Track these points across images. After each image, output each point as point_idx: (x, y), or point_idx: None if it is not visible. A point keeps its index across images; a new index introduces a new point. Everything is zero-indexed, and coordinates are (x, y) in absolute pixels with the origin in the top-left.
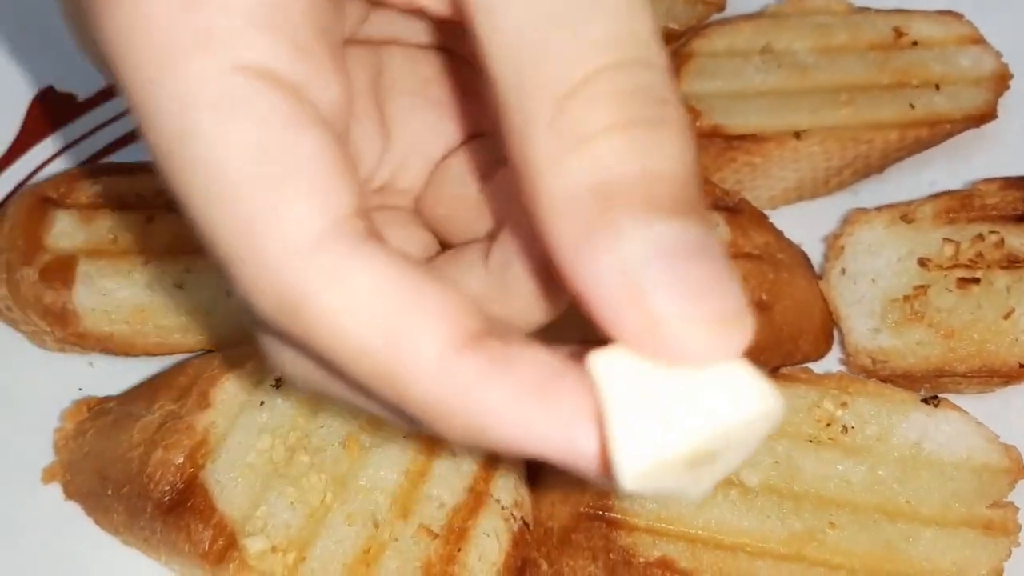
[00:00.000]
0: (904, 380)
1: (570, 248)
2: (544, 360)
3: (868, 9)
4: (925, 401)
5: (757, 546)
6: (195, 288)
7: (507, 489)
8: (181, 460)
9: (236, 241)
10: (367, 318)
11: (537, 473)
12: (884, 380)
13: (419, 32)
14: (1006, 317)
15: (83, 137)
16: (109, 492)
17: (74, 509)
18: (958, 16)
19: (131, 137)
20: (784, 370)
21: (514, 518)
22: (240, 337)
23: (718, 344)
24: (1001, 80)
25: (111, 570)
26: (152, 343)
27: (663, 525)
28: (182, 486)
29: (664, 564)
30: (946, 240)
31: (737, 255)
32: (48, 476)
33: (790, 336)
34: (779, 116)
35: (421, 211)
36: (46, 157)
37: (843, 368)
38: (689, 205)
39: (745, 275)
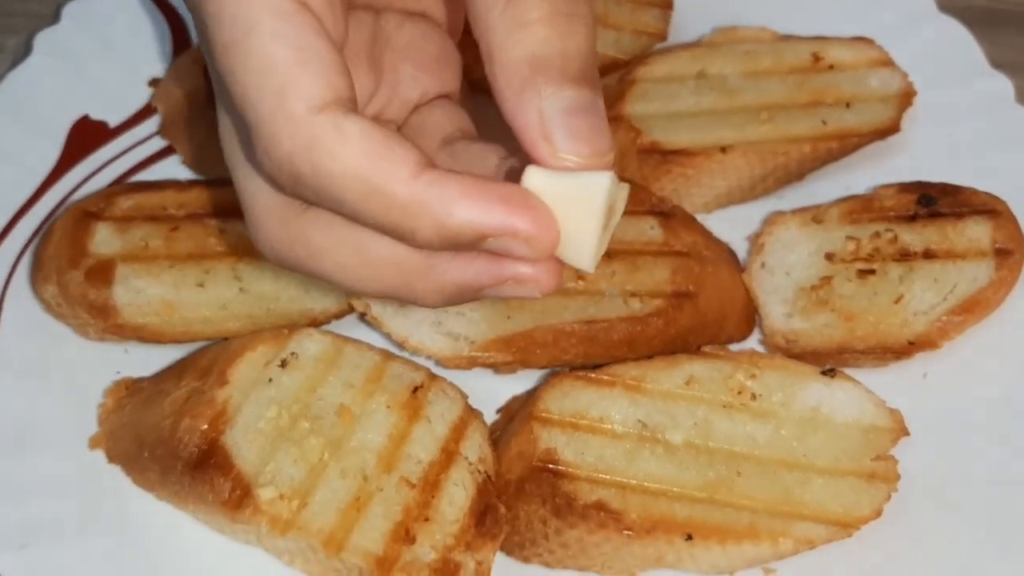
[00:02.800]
0: (812, 357)
1: (510, 99)
2: (483, 176)
3: (791, 37)
4: (824, 373)
5: (676, 492)
6: (213, 286)
7: (474, 448)
8: (205, 426)
9: (271, 103)
10: (358, 151)
11: (500, 436)
12: (795, 357)
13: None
14: (897, 302)
15: (114, 158)
16: (145, 455)
17: (116, 470)
18: (870, 42)
19: (154, 158)
20: (706, 348)
21: (479, 472)
22: (250, 327)
23: (593, 166)
24: (906, 97)
25: (147, 520)
26: (179, 332)
27: (599, 475)
28: (206, 447)
29: (599, 506)
30: (848, 237)
31: (668, 252)
32: (94, 443)
33: (715, 321)
34: (709, 133)
35: None
36: (84, 176)
37: (762, 348)
38: (587, 76)
39: (674, 269)
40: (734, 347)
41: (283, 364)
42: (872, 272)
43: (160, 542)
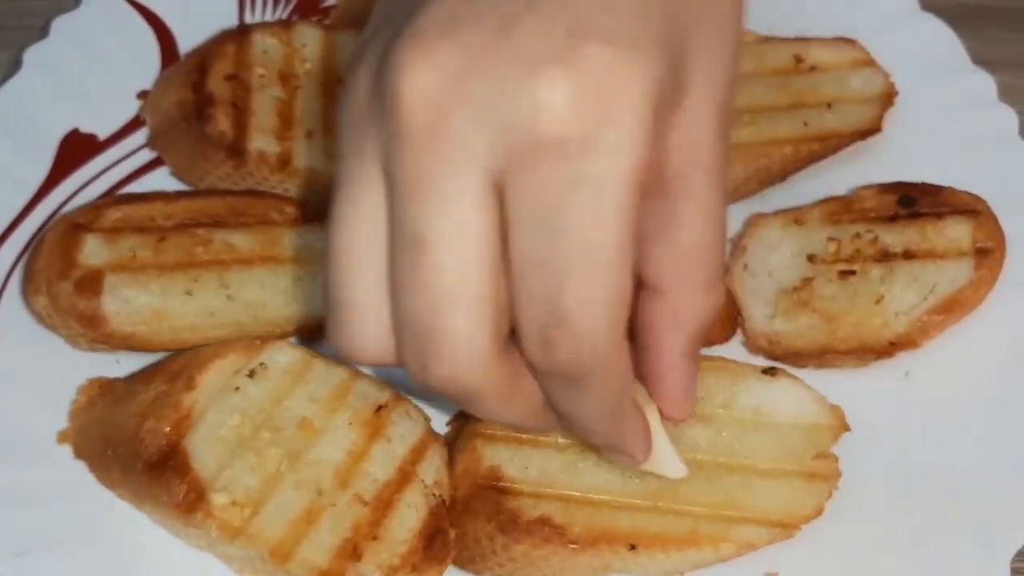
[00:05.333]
0: (795, 358)
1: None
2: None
3: (773, 38)
4: (765, 372)
5: (619, 501)
6: (201, 294)
7: (431, 471)
8: (167, 429)
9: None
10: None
11: (450, 457)
12: (777, 359)
13: None
14: (877, 303)
15: (104, 170)
16: (109, 453)
17: (81, 466)
18: (851, 42)
19: (143, 170)
20: None
21: (434, 495)
22: (237, 333)
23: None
24: (887, 97)
25: (105, 515)
26: (167, 340)
27: (543, 489)
28: (166, 449)
29: (543, 521)
30: (830, 239)
31: None
32: (61, 439)
33: None
34: None
35: None
36: (75, 188)
37: (744, 350)
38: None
39: None
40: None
41: (251, 374)
42: (853, 273)
43: (149, 551)
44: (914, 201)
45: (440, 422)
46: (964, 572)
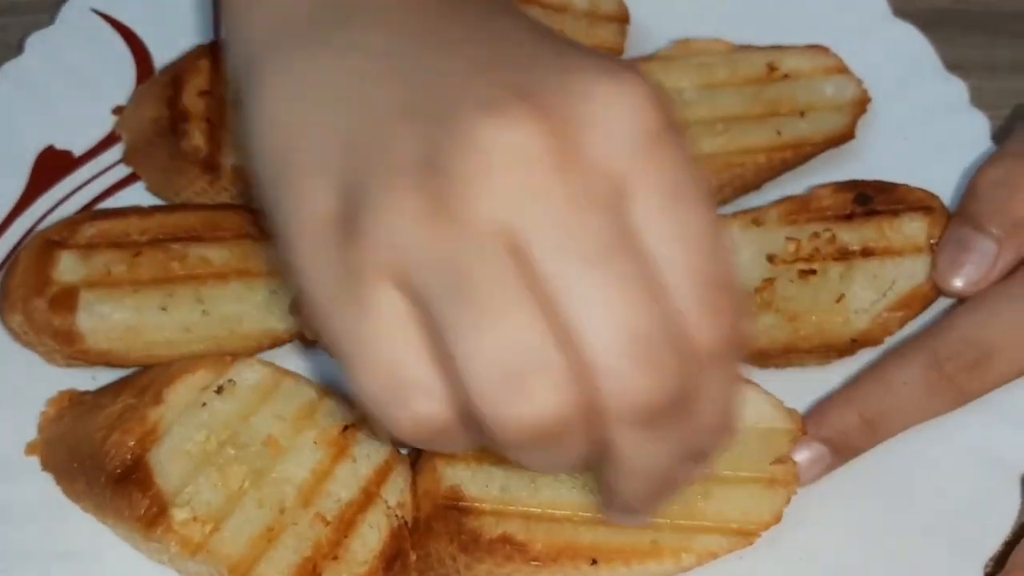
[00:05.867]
0: (759, 358)
1: None
2: None
3: (747, 47)
4: None
5: (580, 516)
6: (176, 309)
7: (395, 492)
8: (132, 443)
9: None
10: None
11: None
12: (742, 359)
13: None
14: (838, 301)
15: (80, 187)
16: (75, 465)
17: (48, 477)
18: (824, 49)
19: (119, 185)
20: None
21: (396, 517)
22: (214, 348)
23: None
24: (860, 104)
25: (70, 526)
26: (143, 356)
27: (504, 507)
28: (130, 463)
29: (505, 539)
30: (788, 238)
31: None
32: (30, 450)
33: None
34: None
35: None
36: (51, 205)
37: None
38: None
39: None
40: None
41: (219, 390)
42: (813, 272)
43: (118, 569)
44: (869, 199)
45: None
46: None
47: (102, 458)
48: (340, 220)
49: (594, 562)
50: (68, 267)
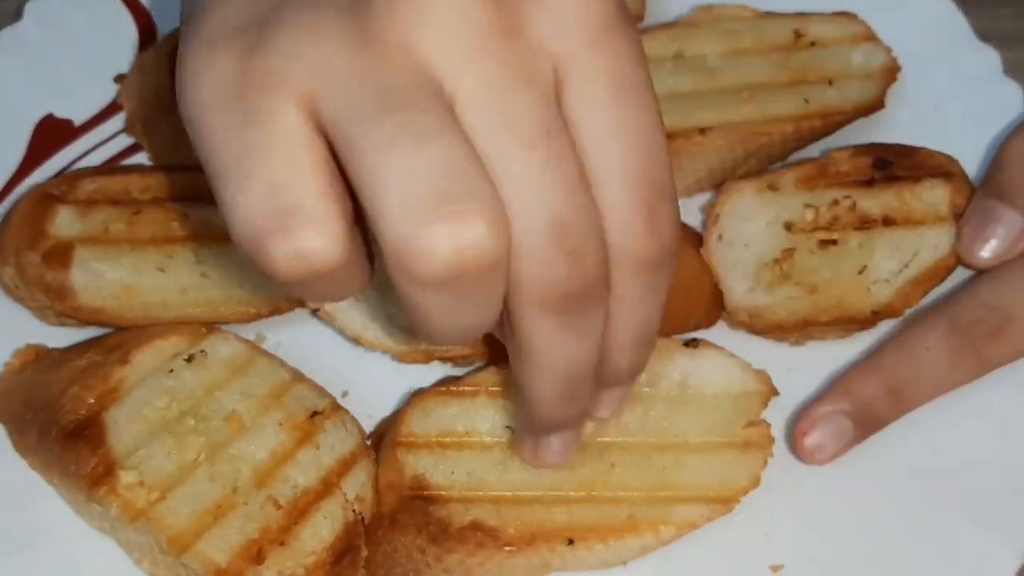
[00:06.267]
0: (777, 331)
1: None
2: None
3: (772, 13)
4: (687, 344)
5: (552, 495)
6: (175, 271)
7: (355, 486)
8: (91, 399)
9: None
10: None
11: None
12: (759, 333)
13: None
14: (860, 272)
15: (81, 156)
16: (29, 416)
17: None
18: (852, 16)
19: (120, 156)
20: None
21: (353, 511)
22: (211, 312)
23: None
24: (890, 73)
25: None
26: (138, 316)
27: (472, 493)
28: (84, 418)
29: (475, 526)
30: (807, 205)
31: None
32: None
33: (681, 306)
34: (688, 115)
35: None
36: (50, 174)
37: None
38: None
39: None
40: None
41: (189, 359)
42: (834, 242)
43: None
44: (889, 163)
45: None
46: (972, 563)
47: (57, 410)
48: (248, 36)
49: (570, 542)
50: (65, 222)
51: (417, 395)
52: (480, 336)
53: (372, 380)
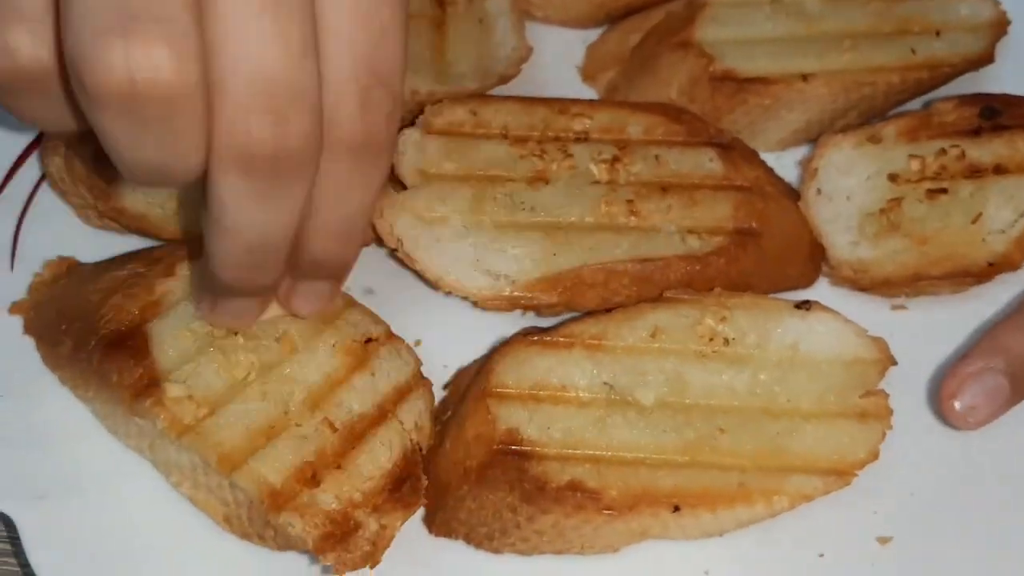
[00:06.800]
0: (884, 287)
1: None
2: None
3: None
4: (798, 306)
5: (656, 458)
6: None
7: (412, 415)
8: (135, 309)
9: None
10: None
11: (451, 418)
12: (864, 289)
13: None
14: (974, 222)
15: None
16: (63, 327)
17: (27, 343)
18: None
19: None
20: (667, 293)
21: (411, 440)
22: None
23: None
24: (999, 26)
25: (35, 395)
26: (180, 230)
27: (569, 451)
28: (127, 329)
29: (574, 486)
30: (912, 156)
31: (729, 187)
32: (15, 309)
33: (778, 263)
34: (787, 61)
35: None
36: None
37: (828, 282)
38: None
39: (736, 205)
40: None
41: None
42: (944, 191)
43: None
44: (997, 112)
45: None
46: None
47: (97, 320)
48: None
49: (676, 509)
50: None
51: (507, 344)
52: (182, 182)
53: (448, 327)
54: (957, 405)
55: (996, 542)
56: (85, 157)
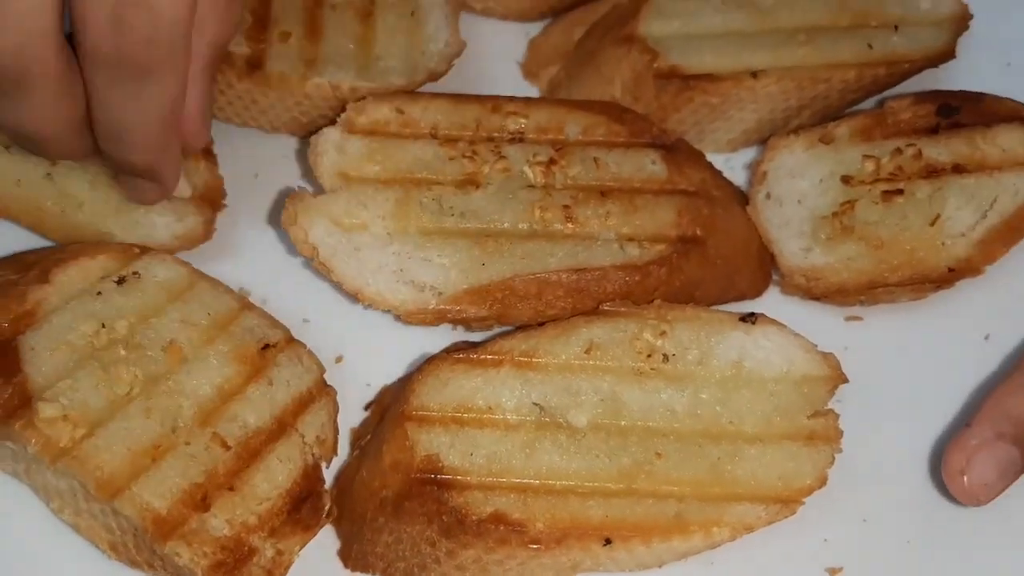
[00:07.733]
0: (839, 295)
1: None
2: None
3: None
4: (743, 319)
5: (587, 487)
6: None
7: (314, 427)
8: (4, 322)
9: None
10: None
11: (370, 442)
12: (818, 298)
13: None
14: (932, 224)
15: None
16: None
17: None
18: None
19: None
20: (604, 306)
21: (312, 455)
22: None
23: None
24: (961, 20)
25: None
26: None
27: (494, 479)
28: None
29: (497, 518)
30: (865, 156)
31: (672, 191)
32: None
33: (725, 271)
34: (737, 56)
35: None
36: None
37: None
38: None
39: (680, 210)
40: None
41: (120, 281)
42: (899, 192)
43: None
44: (954, 110)
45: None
46: None
47: None
48: None
49: (608, 542)
50: None
51: (430, 362)
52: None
53: (371, 343)
54: (968, 481)
55: (953, 571)
56: None
